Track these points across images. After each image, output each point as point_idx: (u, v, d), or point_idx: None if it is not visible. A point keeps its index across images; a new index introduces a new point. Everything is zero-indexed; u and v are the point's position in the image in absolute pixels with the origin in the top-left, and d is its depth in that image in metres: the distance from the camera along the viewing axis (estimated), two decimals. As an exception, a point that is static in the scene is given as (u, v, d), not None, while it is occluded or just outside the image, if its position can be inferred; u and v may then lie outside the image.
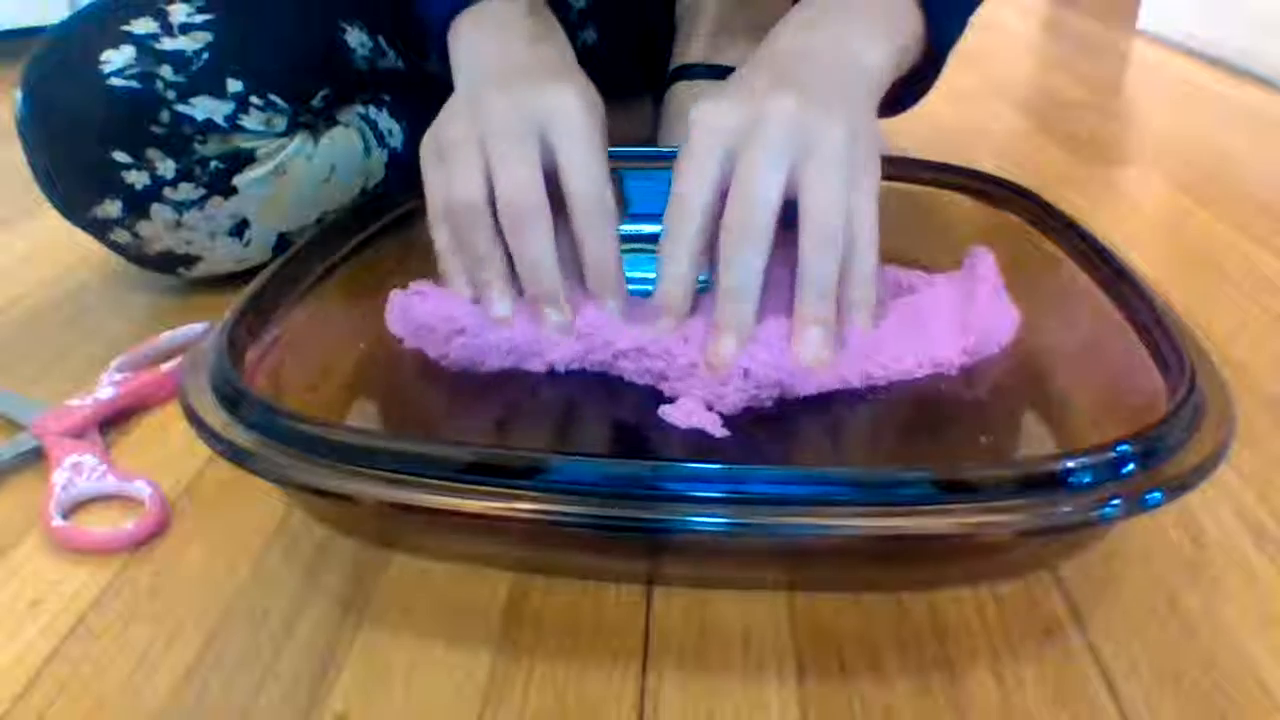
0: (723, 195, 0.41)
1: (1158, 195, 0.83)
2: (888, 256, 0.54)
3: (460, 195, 0.44)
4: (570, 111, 0.44)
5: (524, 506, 0.32)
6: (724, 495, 0.32)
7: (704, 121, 0.42)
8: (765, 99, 0.41)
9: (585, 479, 0.32)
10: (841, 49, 0.45)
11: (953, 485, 0.32)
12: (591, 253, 0.44)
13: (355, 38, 0.63)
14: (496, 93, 0.44)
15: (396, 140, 0.67)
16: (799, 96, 0.41)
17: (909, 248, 0.57)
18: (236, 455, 0.34)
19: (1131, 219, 0.77)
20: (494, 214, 0.44)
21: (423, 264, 0.48)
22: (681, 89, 0.72)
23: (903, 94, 0.51)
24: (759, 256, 0.40)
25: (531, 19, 0.51)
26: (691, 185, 0.41)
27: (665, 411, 0.42)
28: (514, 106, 0.44)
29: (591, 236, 0.43)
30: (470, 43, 0.51)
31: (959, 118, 1.02)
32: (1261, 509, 0.42)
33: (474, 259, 0.45)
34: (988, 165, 0.59)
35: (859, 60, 0.45)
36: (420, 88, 0.66)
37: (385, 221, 0.55)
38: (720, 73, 0.71)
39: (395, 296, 0.48)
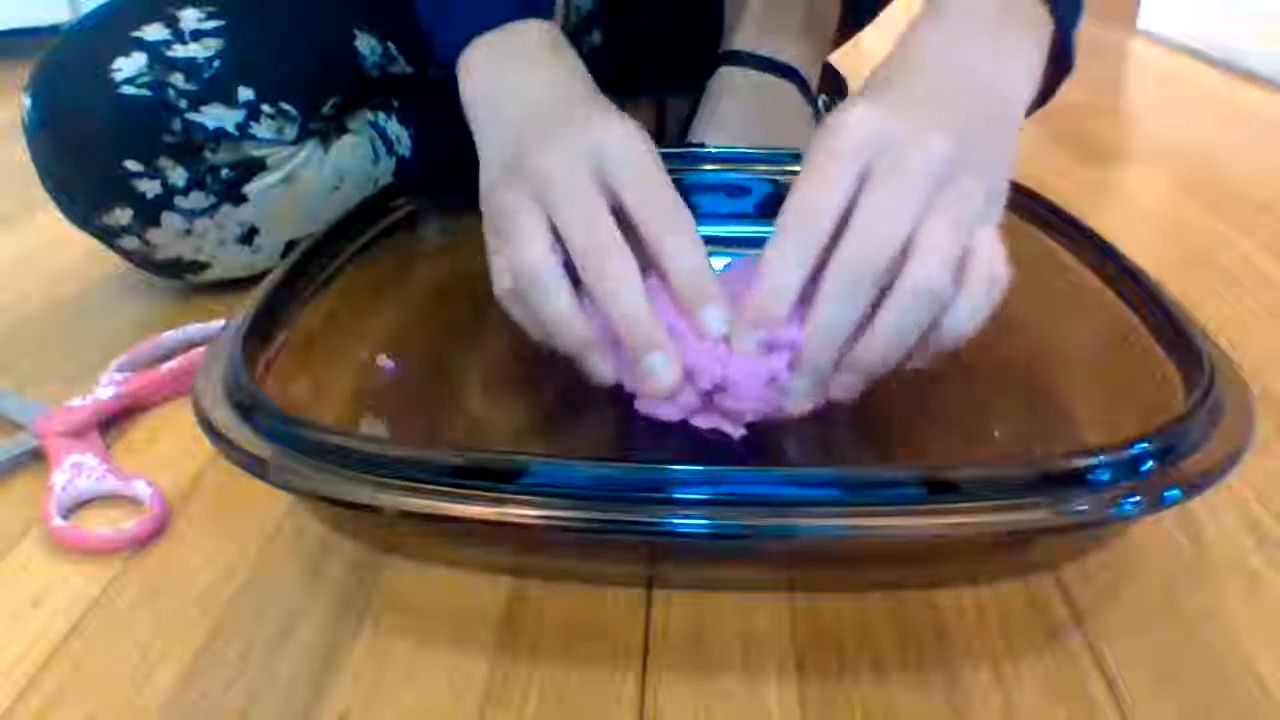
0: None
1: (1158, 195, 0.83)
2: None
3: (527, 263, 0.39)
4: (623, 144, 0.40)
5: (510, 511, 0.32)
6: (710, 497, 0.32)
7: (854, 123, 0.37)
8: (921, 127, 0.37)
9: (570, 482, 0.32)
10: (994, 84, 0.40)
11: (970, 483, 0.32)
12: (680, 270, 0.39)
13: (365, 43, 0.63)
14: (540, 145, 0.40)
15: (404, 148, 0.67)
16: (955, 139, 0.36)
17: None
18: (249, 464, 0.34)
19: (1131, 219, 0.77)
20: (566, 274, 0.39)
21: (425, 265, 0.48)
22: (726, 74, 0.71)
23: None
24: (859, 307, 0.36)
25: (550, 52, 0.47)
26: (827, 191, 0.36)
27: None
28: (564, 155, 0.40)
29: (679, 256, 0.39)
30: (488, 83, 0.47)
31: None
32: (1261, 509, 0.42)
33: (556, 328, 0.39)
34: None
35: (1008, 99, 0.41)
36: (429, 92, 0.66)
37: (388, 223, 0.55)
38: (767, 64, 0.70)
39: None
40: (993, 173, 0.38)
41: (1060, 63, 0.45)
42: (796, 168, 0.38)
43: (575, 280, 0.39)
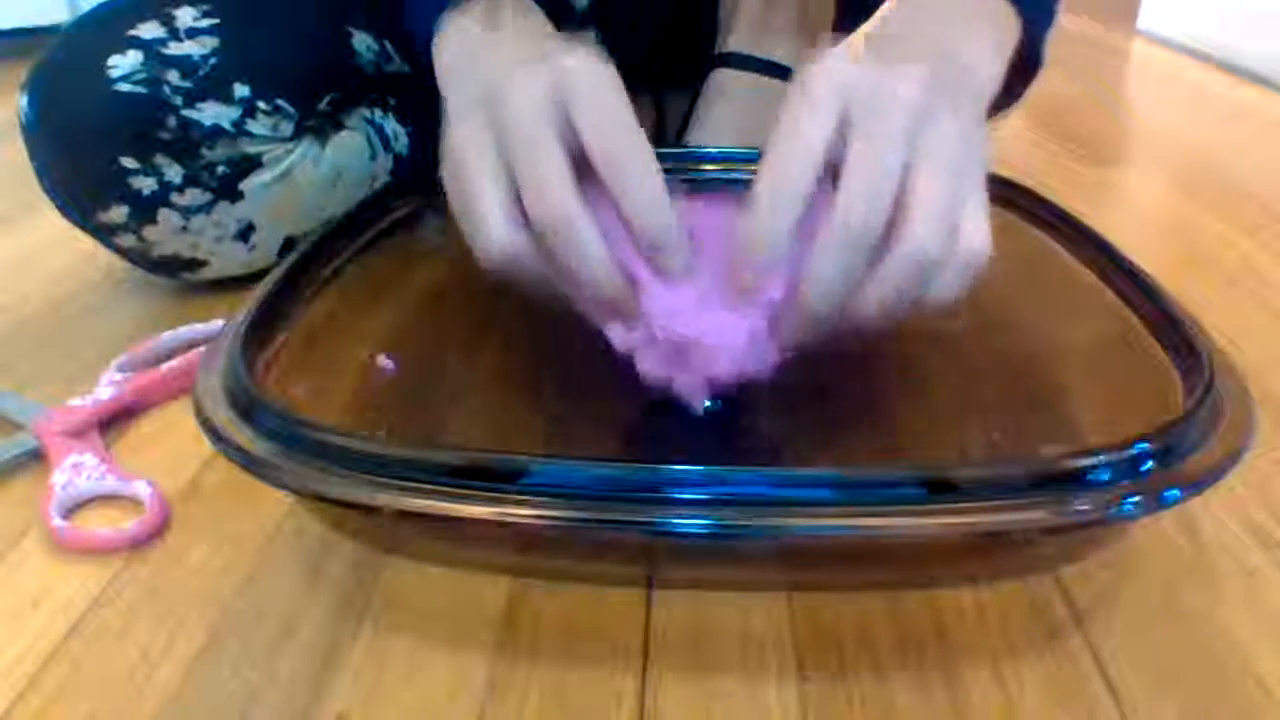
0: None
1: (1158, 195, 0.83)
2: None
3: (493, 248, 0.38)
4: (582, 77, 0.38)
5: (510, 511, 0.31)
6: (709, 497, 0.32)
7: (826, 71, 0.36)
8: (894, 70, 0.36)
9: (570, 482, 0.32)
10: (958, 55, 0.40)
11: (970, 483, 0.32)
12: (640, 217, 0.37)
13: (362, 41, 0.63)
14: (504, 85, 0.39)
15: (401, 145, 0.67)
16: (923, 81, 0.36)
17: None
18: (249, 465, 0.34)
19: (1131, 219, 0.77)
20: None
21: (424, 265, 0.48)
22: (722, 76, 0.71)
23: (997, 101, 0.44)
24: (859, 265, 0.35)
25: (521, 15, 0.47)
26: (809, 135, 0.36)
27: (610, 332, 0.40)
28: (526, 93, 0.38)
29: (639, 202, 0.37)
30: (458, 49, 0.46)
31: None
32: (1261, 509, 0.42)
33: (547, 291, 0.40)
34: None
35: (972, 70, 0.40)
36: (426, 91, 0.66)
37: (388, 223, 0.55)
38: (762, 65, 0.70)
39: None
40: (964, 117, 0.37)
41: (1029, 63, 0.46)
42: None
43: None
